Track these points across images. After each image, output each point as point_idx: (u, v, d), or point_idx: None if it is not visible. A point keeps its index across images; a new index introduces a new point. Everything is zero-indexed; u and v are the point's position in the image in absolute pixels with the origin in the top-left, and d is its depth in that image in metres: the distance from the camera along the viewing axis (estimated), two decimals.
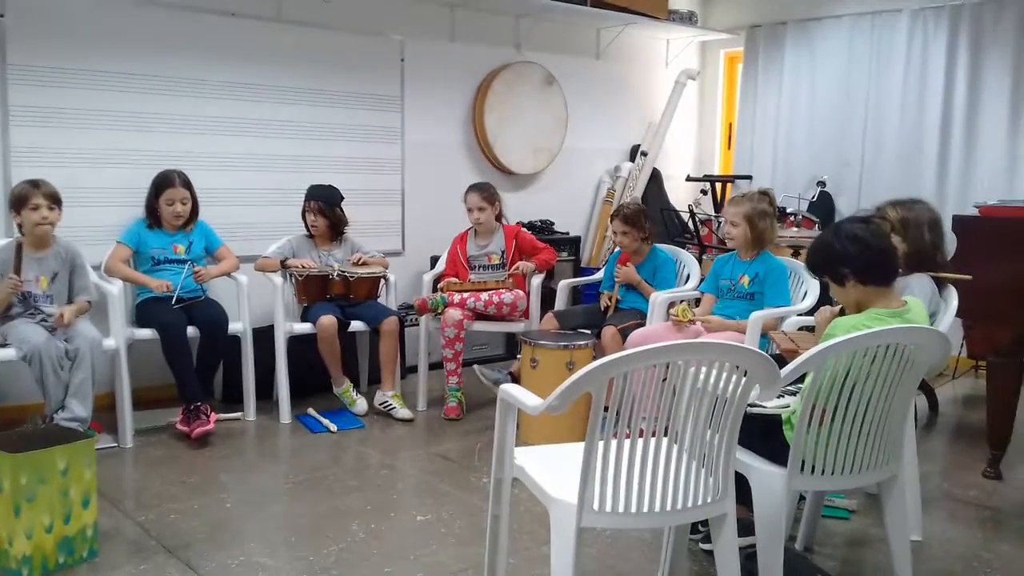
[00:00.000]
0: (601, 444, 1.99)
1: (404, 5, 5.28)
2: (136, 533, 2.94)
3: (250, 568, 2.70)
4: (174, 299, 4.02)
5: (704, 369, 2.00)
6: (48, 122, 4.13)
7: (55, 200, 3.71)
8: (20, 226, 3.72)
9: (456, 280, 4.56)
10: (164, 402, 4.22)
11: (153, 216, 4.21)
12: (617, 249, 4.57)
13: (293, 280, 4.43)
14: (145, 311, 4.07)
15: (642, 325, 4.10)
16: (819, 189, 5.79)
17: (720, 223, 5.41)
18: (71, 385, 3.56)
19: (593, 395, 1.95)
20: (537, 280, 4.67)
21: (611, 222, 4.56)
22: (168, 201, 4.16)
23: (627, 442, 2.00)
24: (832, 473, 2.32)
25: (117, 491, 3.31)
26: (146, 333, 3.98)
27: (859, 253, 2.37)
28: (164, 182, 4.17)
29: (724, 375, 2.01)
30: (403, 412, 4.31)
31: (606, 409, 1.96)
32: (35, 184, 3.68)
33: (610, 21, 5.98)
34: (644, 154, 6.33)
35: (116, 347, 3.83)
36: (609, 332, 4.09)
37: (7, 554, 2.59)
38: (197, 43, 4.52)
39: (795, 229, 5.21)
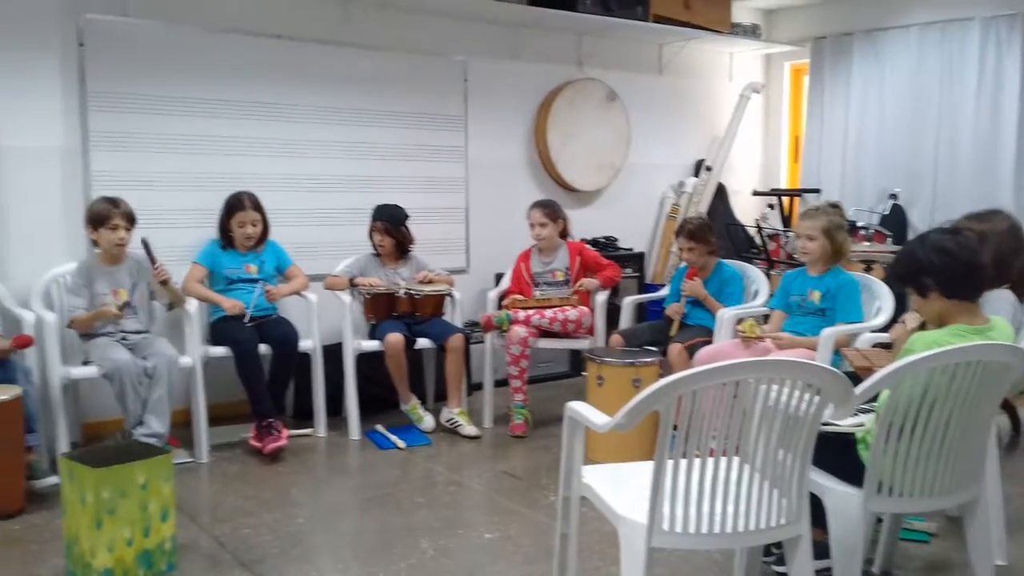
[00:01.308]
0: (670, 463, 1.97)
1: (467, 26, 5.34)
2: (212, 547, 3.01)
3: None
4: (247, 317, 4.13)
5: (776, 387, 1.97)
6: (125, 146, 4.28)
7: (131, 220, 3.86)
8: (95, 241, 3.87)
9: (521, 297, 4.58)
10: (238, 418, 4.31)
11: (226, 237, 4.33)
12: (684, 264, 4.53)
13: (361, 298, 4.50)
14: (219, 329, 4.18)
15: (709, 342, 4.05)
16: (891, 202, 5.66)
17: (788, 238, 5.34)
18: (149, 401, 3.67)
19: (661, 413, 1.94)
20: (602, 297, 4.66)
21: (676, 237, 4.53)
22: (239, 223, 4.27)
23: (697, 461, 1.98)
24: (910, 494, 2.26)
25: (194, 505, 3.40)
26: (220, 351, 4.08)
27: (945, 265, 2.32)
28: (235, 204, 4.29)
29: (796, 393, 1.98)
30: (469, 429, 4.34)
31: (675, 428, 1.95)
32: (114, 203, 3.82)
33: (672, 36, 5.96)
34: (709, 169, 6.28)
35: (192, 364, 3.94)
36: (676, 349, 4.05)
37: (90, 567, 2.67)
38: (264, 68, 4.65)
39: (867, 243, 5.10)
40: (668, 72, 6.29)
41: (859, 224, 5.28)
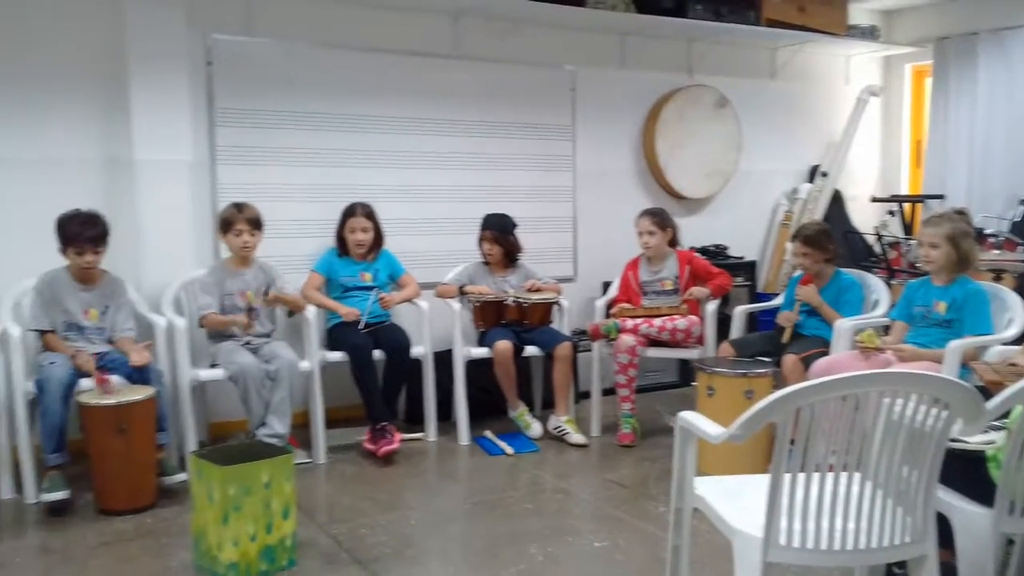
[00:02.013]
0: (788, 476, 1.93)
1: (575, 36, 5.37)
2: (329, 545, 3.11)
3: None
4: (361, 324, 4.25)
5: (900, 401, 1.91)
6: (248, 160, 4.49)
7: (256, 224, 4.06)
8: (227, 245, 4.11)
9: (629, 306, 4.55)
10: (353, 421, 4.44)
11: (342, 245, 4.48)
12: (798, 272, 4.41)
13: (470, 306, 4.57)
14: (335, 335, 4.32)
15: (825, 353, 3.93)
16: (1022, 208, 5.36)
17: (910, 246, 5.14)
18: (271, 403, 3.83)
19: (779, 425, 1.90)
20: (712, 306, 4.59)
21: (791, 243, 4.41)
22: (351, 229, 4.42)
23: (816, 476, 1.93)
24: None
25: (312, 504, 3.52)
26: (337, 356, 4.22)
27: None
28: (348, 212, 4.44)
29: (923, 408, 1.90)
30: (577, 437, 4.34)
31: (792, 441, 1.91)
32: (239, 208, 4.05)
33: (786, 40, 5.83)
34: (824, 175, 6.10)
35: (310, 368, 4.08)
36: (791, 360, 3.94)
37: (216, 560, 2.80)
38: (379, 82, 4.79)
39: (996, 252, 4.85)
40: (781, 76, 6.15)
41: (987, 231, 5.03)
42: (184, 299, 4.16)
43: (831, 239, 4.28)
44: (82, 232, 3.64)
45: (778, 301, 4.59)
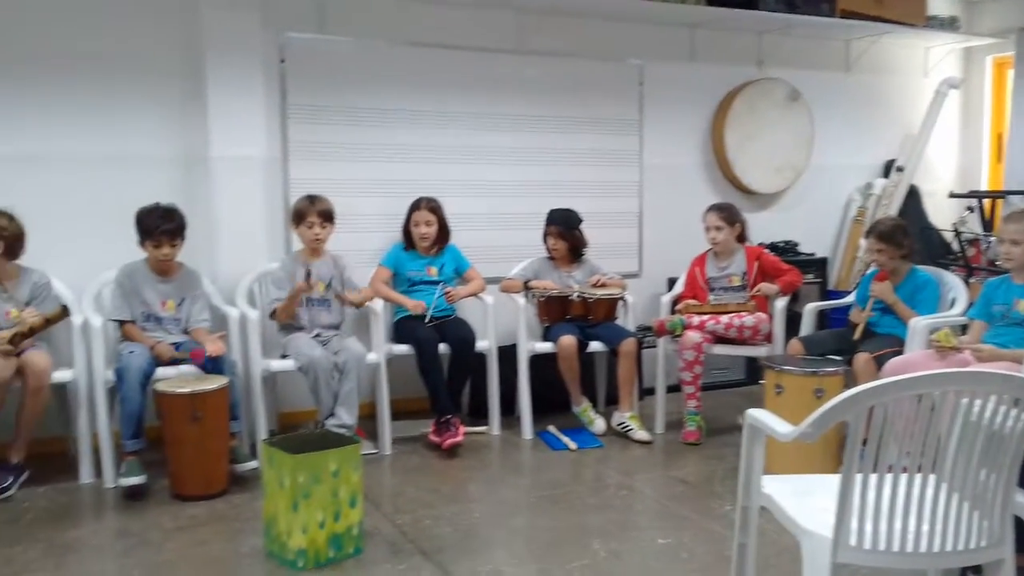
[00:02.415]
0: (859, 477, 1.89)
1: (642, 29, 5.32)
2: (394, 534, 3.16)
3: None
4: (427, 317, 4.30)
5: (979, 402, 1.85)
6: (319, 155, 4.57)
7: (328, 217, 4.14)
8: (300, 236, 4.20)
9: (695, 302, 4.50)
10: (418, 414, 4.49)
11: (408, 239, 4.54)
12: (872, 269, 4.30)
13: (535, 301, 4.58)
14: (402, 328, 4.38)
15: (899, 352, 3.83)
16: None
17: (990, 243, 4.97)
18: (339, 395, 3.91)
19: (851, 424, 1.86)
20: (781, 303, 4.51)
21: (865, 239, 4.30)
22: (415, 223, 4.48)
23: (888, 476, 1.89)
24: None
25: (377, 494, 3.57)
26: (403, 349, 4.28)
27: None
28: (414, 206, 4.50)
29: (1003, 409, 1.84)
30: (641, 434, 4.31)
31: (864, 441, 1.87)
32: (312, 200, 4.14)
33: (861, 32, 5.69)
34: (900, 169, 5.93)
35: (377, 361, 4.14)
36: (863, 358, 3.85)
37: (286, 546, 2.87)
38: (447, 78, 4.83)
39: None
40: (856, 69, 6.00)
41: None
42: (257, 291, 4.26)
43: (907, 235, 4.16)
44: (159, 225, 3.76)
45: (850, 299, 4.49)
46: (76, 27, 4.08)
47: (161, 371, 3.69)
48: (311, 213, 4.11)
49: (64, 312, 3.54)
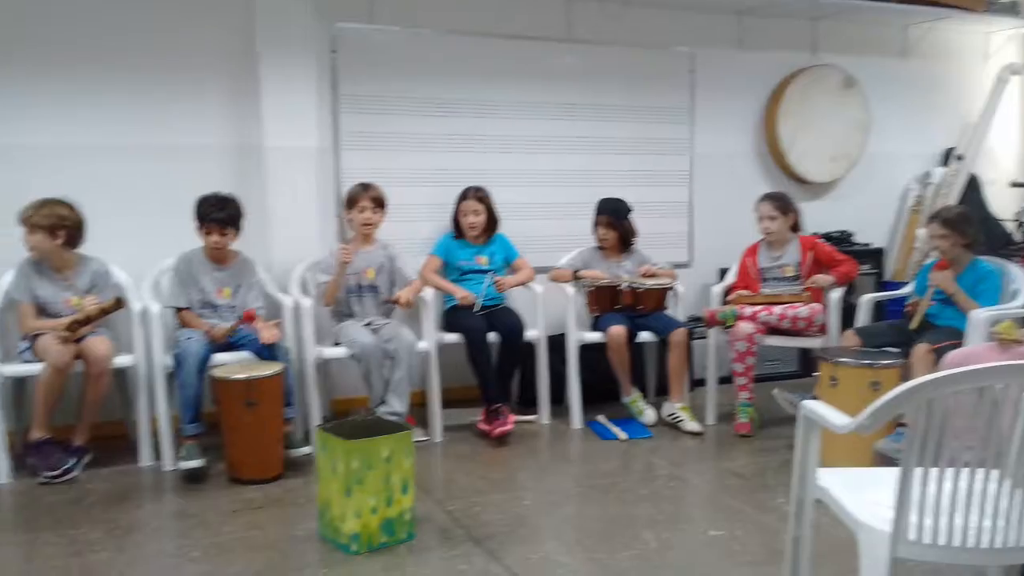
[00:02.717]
0: (919, 471, 1.85)
1: (693, 16, 5.27)
2: (445, 521, 3.19)
3: (548, 565, 2.82)
4: (477, 307, 4.32)
5: None
6: (370, 145, 4.61)
7: (379, 203, 4.18)
8: (351, 222, 4.25)
9: (747, 292, 4.45)
10: (467, 402, 4.52)
11: (457, 229, 4.56)
12: (931, 259, 4.20)
13: (584, 290, 4.57)
14: (452, 317, 4.41)
15: (959, 345, 3.74)
16: None
17: None
18: (391, 382, 3.95)
19: (910, 417, 1.83)
20: (836, 294, 4.44)
21: (928, 225, 4.20)
22: (463, 213, 4.50)
23: (949, 471, 1.85)
24: None
25: (428, 481, 3.61)
26: (453, 337, 4.30)
27: None
28: (462, 196, 4.53)
29: None
30: (692, 425, 4.29)
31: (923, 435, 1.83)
32: (365, 187, 4.21)
33: (919, 16, 5.55)
34: (959, 158, 5.79)
35: (428, 350, 4.18)
36: (922, 350, 3.77)
37: (339, 530, 2.91)
38: (497, 67, 4.83)
39: None
40: (914, 55, 5.86)
41: None
42: (310, 280, 4.32)
43: (972, 224, 4.06)
44: (210, 213, 3.83)
45: (907, 289, 4.40)
46: (134, 21, 4.16)
47: (218, 357, 3.77)
48: (363, 198, 4.16)
49: (118, 304, 3.63)
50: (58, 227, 3.67)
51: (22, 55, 4.01)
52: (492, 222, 4.55)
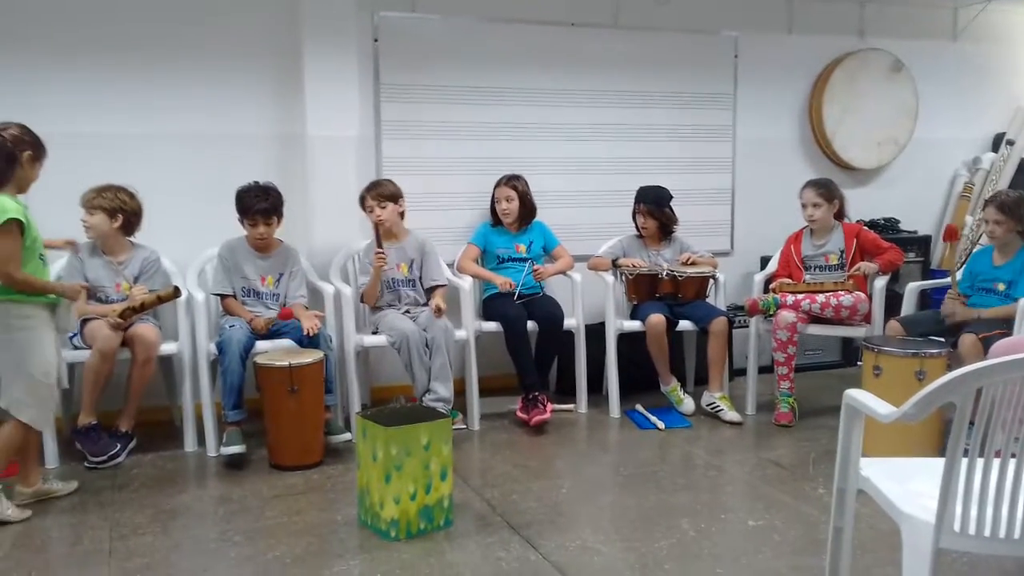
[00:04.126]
0: (965, 461, 1.82)
1: (738, 1, 5.19)
2: (483, 508, 3.20)
3: (586, 552, 2.82)
4: (516, 295, 4.32)
5: None
6: (410, 134, 4.63)
7: (388, 198, 4.17)
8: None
9: (790, 281, 4.39)
10: (505, 391, 4.52)
11: (495, 216, 4.56)
12: (979, 247, 4.10)
13: (624, 279, 4.54)
14: (490, 305, 4.41)
15: (1007, 334, 3.65)
16: None
17: None
18: (432, 369, 3.96)
19: (958, 406, 1.79)
20: (880, 282, 4.36)
21: (984, 209, 4.11)
22: (497, 200, 4.51)
23: (996, 461, 1.81)
24: None
25: (467, 468, 3.62)
26: (491, 326, 4.31)
27: None
28: (496, 184, 4.53)
29: None
30: (731, 415, 4.25)
31: (970, 423, 1.79)
32: (370, 187, 4.20)
33: None
34: (1011, 143, 5.64)
35: (466, 338, 4.19)
36: (969, 340, 3.69)
37: (378, 516, 2.94)
38: (539, 55, 4.81)
39: None
40: (964, 38, 5.71)
41: None
42: (350, 268, 4.36)
43: None
44: (253, 205, 3.88)
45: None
46: (180, 13, 4.22)
47: (260, 344, 3.81)
48: (369, 198, 4.18)
49: (176, 292, 3.68)
50: (118, 211, 3.76)
51: (86, 48, 4.09)
52: (526, 209, 4.54)
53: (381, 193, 4.19)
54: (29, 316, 3.04)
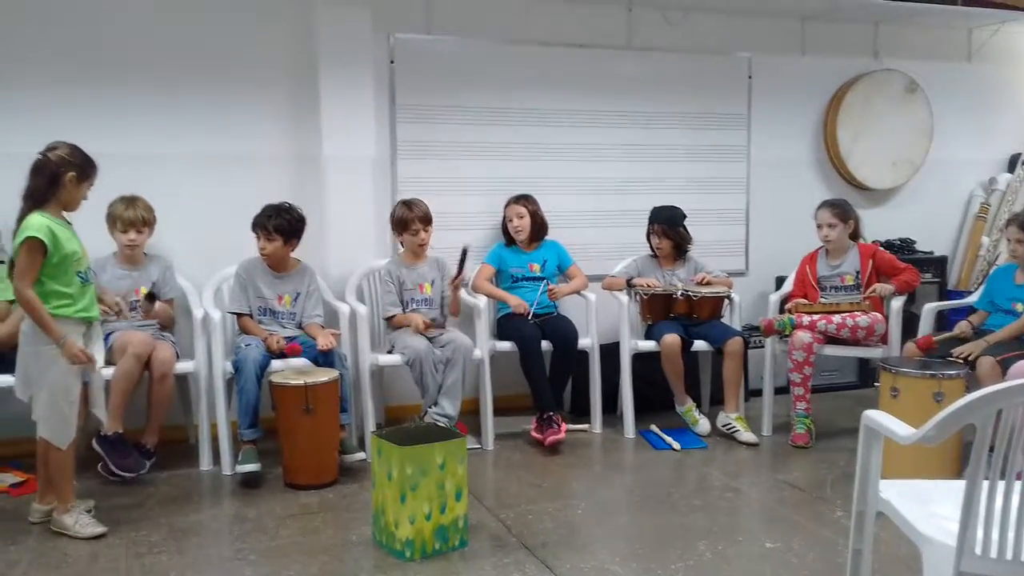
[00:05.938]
0: (986, 483, 1.80)
1: (752, 21, 5.21)
2: (498, 528, 3.19)
3: (602, 574, 2.80)
4: (530, 314, 4.32)
5: None
6: (425, 154, 4.65)
7: (428, 220, 4.23)
8: (403, 243, 4.28)
9: (805, 301, 4.37)
10: (520, 410, 4.51)
11: (507, 236, 4.58)
12: (998, 266, 4.08)
13: (638, 299, 4.53)
14: (505, 325, 4.41)
15: None
16: None
17: None
18: (444, 384, 3.97)
19: (978, 428, 1.77)
20: (897, 303, 4.34)
21: (1006, 229, 4.10)
22: (508, 218, 4.52)
23: (1017, 484, 1.79)
24: None
25: (481, 488, 3.61)
26: (506, 345, 4.31)
27: None
28: (507, 202, 4.56)
29: None
30: (747, 435, 4.22)
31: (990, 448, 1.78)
32: (410, 207, 4.21)
33: (985, 19, 5.43)
34: None
35: (481, 357, 4.19)
36: (987, 362, 3.66)
37: (394, 536, 2.93)
38: (554, 76, 4.84)
39: None
40: (979, 58, 5.71)
41: None
42: (366, 288, 4.37)
43: None
44: (260, 219, 3.91)
45: (972, 298, 4.28)
46: (198, 36, 4.26)
47: (276, 363, 3.83)
48: (413, 221, 4.18)
49: (150, 297, 3.75)
50: (153, 223, 3.92)
51: (108, 71, 4.14)
52: (538, 227, 4.55)
53: (423, 215, 4.21)
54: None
